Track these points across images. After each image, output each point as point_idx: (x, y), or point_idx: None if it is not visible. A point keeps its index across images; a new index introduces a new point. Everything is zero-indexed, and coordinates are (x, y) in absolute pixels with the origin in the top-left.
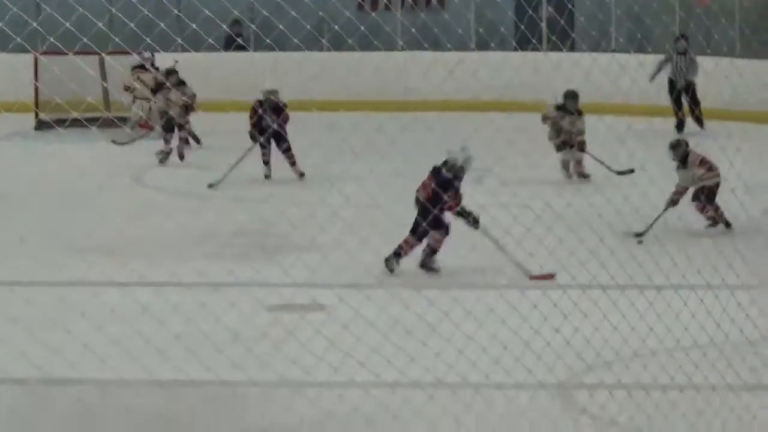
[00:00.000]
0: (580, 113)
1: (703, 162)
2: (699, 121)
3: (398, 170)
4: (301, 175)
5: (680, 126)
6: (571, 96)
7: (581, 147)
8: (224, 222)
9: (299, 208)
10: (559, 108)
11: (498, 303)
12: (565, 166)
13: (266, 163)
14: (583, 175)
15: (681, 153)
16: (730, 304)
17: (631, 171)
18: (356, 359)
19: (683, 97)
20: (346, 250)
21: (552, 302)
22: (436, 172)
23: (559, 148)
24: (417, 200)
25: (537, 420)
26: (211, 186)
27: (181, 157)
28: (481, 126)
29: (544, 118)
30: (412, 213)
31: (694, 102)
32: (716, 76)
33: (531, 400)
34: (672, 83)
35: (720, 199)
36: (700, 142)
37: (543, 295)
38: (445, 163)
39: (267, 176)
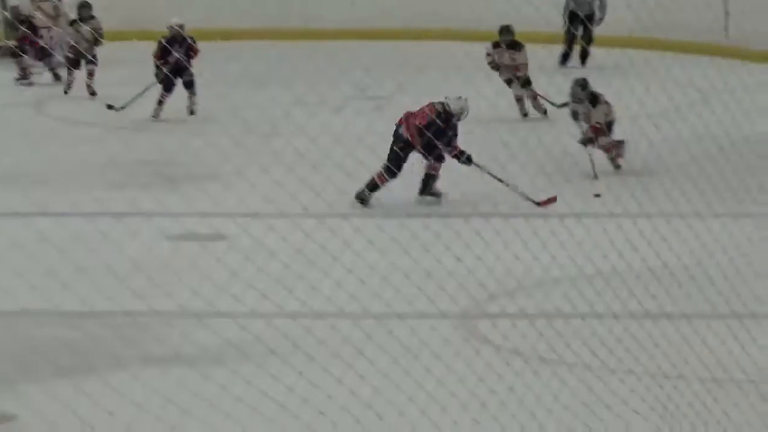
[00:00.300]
0: (519, 46)
1: (603, 97)
2: (584, 56)
3: (300, 99)
4: (192, 113)
5: (565, 58)
6: (506, 30)
7: (525, 82)
8: (127, 152)
9: (202, 137)
10: (497, 45)
11: (400, 232)
12: (518, 102)
13: (160, 103)
14: (541, 110)
15: (590, 91)
16: (633, 233)
17: (566, 104)
18: (258, 289)
19: (581, 29)
20: (247, 180)
21: (454, 231)
22: (442, 112)
23: (508, 84)
24: (399, 134)
25: (439, 350)
26: (110, 107)
27: (93, 92)
28: (384, 54)
29: (487, 56)
30: (311, 142)
31: (588, 38)
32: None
33: (433, 329)
34: (573, 15)
35: (619, 131)
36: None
37: (444, 224)
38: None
39: (155, 117)
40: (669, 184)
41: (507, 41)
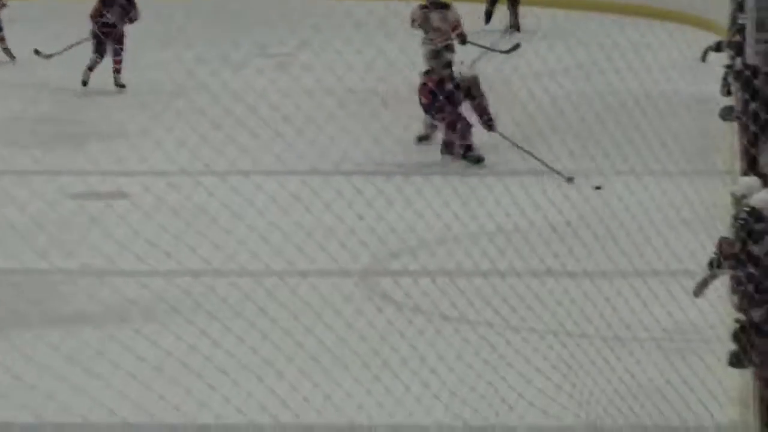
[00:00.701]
0: (446, 6)
1: None
2: (516, 24)
3: (203, 57)
4: (122, 86)
5: (488, 16)
6: None
7: (462, 40)
8: (29, 109)
9: (106, 96)
10: (424, 6)
11: (301, 190)
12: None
13: (91, 69)
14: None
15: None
16: (535, 191)
17: (518, 46)
18: (160, 247)
19: None
20: (151, 138)
21: (356, 189)
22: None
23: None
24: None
25: (341, 307)
26: (37, 53)
27: (11, 55)
28: (287, 12)
29: (413, 21)
30: (213, 100)
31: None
32: None
33: (335, 287)
34: None
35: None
36: None
37: (346, 182)
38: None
39: (85, 83)
40: (572, 142)
41: (434, 1)
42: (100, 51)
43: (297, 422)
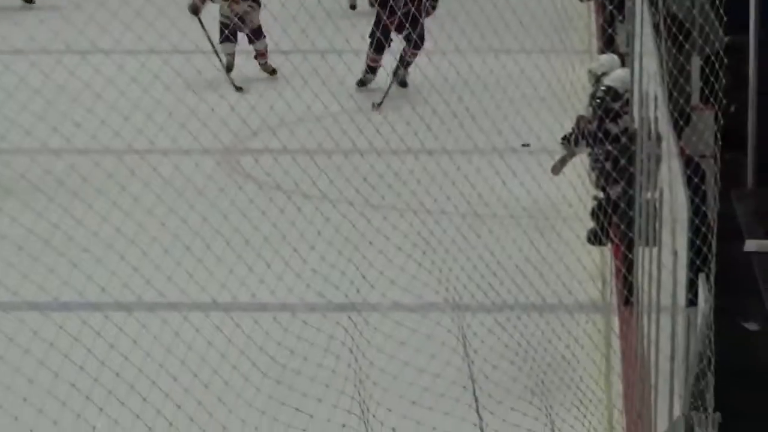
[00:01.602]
0: None
1: None
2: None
3: None
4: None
5: None
6: None
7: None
8: None
9: None
10: None
11: (162, 70)
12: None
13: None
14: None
15: None
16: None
17: None
18: (22, 126)
19: None
20: (11, 18)
21: (217, 69)
22: None
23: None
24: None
25: (204, 185)
26: None
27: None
28: None
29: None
30: None
31: None
32: None
33: (197, 166)
34: None
35: None
36: None
37: (207, 60)
38: None
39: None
40: (429, 23)
41: None
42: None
43: (162, 300)
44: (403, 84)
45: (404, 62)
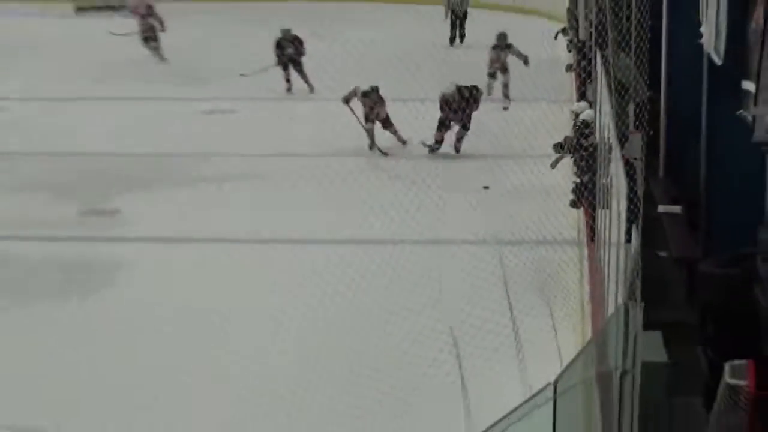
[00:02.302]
0: None
1: None
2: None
3: None
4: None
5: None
6: None
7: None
8: None
9: None
10: None
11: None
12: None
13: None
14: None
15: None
16: None
17: None
18: None
19: None
20: None
21: None
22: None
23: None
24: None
25: None
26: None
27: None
28: None
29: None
30: None
31: None
32: None
33: None
34: None
35: None
36: None
37: None
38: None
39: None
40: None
41: None
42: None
43: None
44: (457, 150)
45: (458, 139)
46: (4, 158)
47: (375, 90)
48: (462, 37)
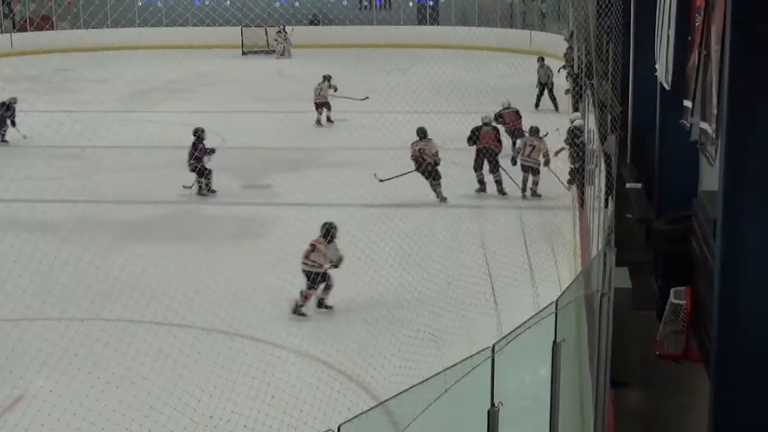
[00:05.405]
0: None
1: None
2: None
3: None
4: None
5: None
6: None
7: None
8: None
9: None
10: None
11: None
12: None
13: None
14: None
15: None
16: None
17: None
18: None
19: None
20: None
21: None
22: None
23: None
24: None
25: None
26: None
27: None
28: None
29: None
30: None
31: None
32: None
33: None
34: None
35: None
36: None
37: None
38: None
39: None
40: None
41: None
42: None
43: None
44: (502, 193)
45: (497, 182)
46: (219, 151)
47: None
48: (554, 102)
